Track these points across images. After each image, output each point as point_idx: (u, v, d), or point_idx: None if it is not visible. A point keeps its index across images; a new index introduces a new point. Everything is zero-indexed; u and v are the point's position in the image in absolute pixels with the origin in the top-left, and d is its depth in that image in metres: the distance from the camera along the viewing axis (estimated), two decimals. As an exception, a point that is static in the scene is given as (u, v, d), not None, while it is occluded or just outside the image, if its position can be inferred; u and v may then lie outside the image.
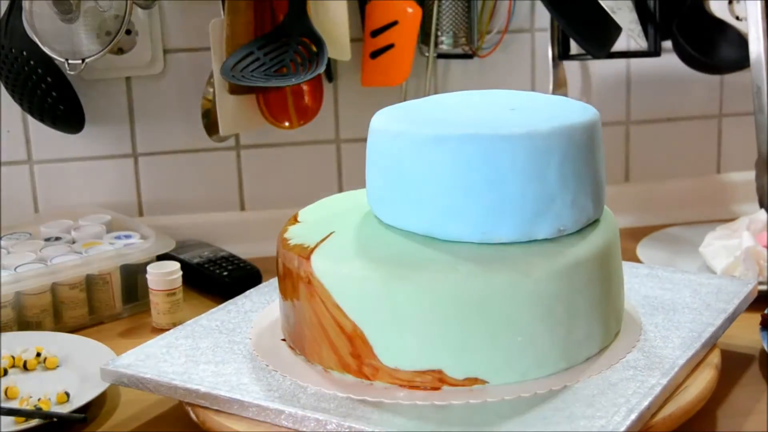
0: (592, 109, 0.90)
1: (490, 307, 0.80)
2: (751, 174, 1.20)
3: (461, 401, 0.79)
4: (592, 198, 0.86)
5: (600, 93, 1.42)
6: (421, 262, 0.82)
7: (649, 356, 0.85)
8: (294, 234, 0.90)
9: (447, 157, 0.82)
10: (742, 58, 1.29)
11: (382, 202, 0.89)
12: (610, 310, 0.87)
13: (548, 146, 0.82)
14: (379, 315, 0.81)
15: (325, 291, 0.82)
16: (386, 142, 0.87)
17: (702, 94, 1.45)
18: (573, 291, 0.82)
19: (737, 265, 1.14)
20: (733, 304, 0.96)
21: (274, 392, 0.81)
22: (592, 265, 0.84)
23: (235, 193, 1.38)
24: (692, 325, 0.91)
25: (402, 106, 0.93)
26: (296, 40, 1.21)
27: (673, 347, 0.87)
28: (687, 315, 0.94)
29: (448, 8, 1.30)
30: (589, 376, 0.82)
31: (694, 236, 1.27)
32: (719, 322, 0.92)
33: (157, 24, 1.30)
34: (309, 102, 1.28)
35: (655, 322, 0.92)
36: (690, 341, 0.88)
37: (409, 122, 0.87)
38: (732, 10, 1.36)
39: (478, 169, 0.81)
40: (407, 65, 1.27)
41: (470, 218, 0.83)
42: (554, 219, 0.84)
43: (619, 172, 1.46)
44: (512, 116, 0.86)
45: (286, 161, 1.38)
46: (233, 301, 1.01)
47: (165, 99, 1.33)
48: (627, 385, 0.80)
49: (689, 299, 0.97)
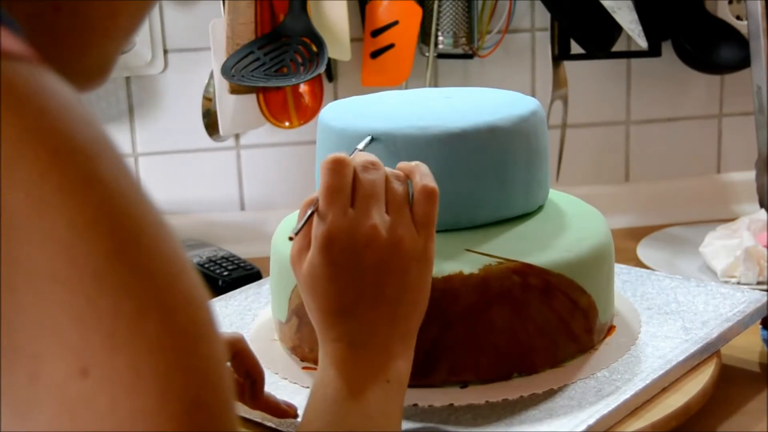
0: (529, 105, 0.90)
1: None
2: (751, 174, 1.20)
3: (444, 403, 0.79)
4: (525, 191, 0.88)
5: (600, 93, 1.42)
6: None
7: (626, 365, 0.84)
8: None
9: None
10: (742, 58, 1.29)
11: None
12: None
13: (461, 145, 0.84)
14: None
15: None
16: (321, 135, 0.91)
17: (702, 94, 1.45)
18: None
19: (737, 265, 1.14)
20: (739, 315, 0.92)
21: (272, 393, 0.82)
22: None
23: (235, 193, 1.38)
24: (691, 333, 0.89)
25: (351, 101, 0.96)
26: (296, 40, 1.21)
27: (659, 356, 0.85)
28: (688, 322, 0.92)
29: (448, 8, 1.30)
30: (573, 380, 0.81)
31: (694, 236, 1.27)
32: (717, 333, 0.89)
33: (157, 24, 1.30)
34: (309, 102, 1.28)
35: (653, 329, 0.90)
36: (681, 351, 0.85)
37: (339, 117, 0.89)
38: (732, 10, 1.36)
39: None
40: (407, 65, 1.27)
41: None
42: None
43: (619, 172, 1.46)
44: (441, 114, 0.88)
45: (286, 161, 1.38)
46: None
47: (165, 99, 1.33)
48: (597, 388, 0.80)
49: (702, 307, 0.94)
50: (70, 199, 0.35)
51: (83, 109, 0.38)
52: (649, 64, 1.40)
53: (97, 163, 0.37)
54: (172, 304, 0.37)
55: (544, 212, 0.92)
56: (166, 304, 0.36)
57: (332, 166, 0.68)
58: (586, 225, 0.89)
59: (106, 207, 0.36)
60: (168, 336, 0.36)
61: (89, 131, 0.37)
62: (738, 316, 0.92)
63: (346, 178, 0.68)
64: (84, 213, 0.35)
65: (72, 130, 0.36)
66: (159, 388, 0.35)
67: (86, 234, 0.35)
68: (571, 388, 0.80)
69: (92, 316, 0.35)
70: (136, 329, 0.35)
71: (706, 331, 0.89)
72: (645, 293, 0.98)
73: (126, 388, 0.35)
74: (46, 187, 0.35)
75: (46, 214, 0.35)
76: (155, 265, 0.37)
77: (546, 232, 0.87)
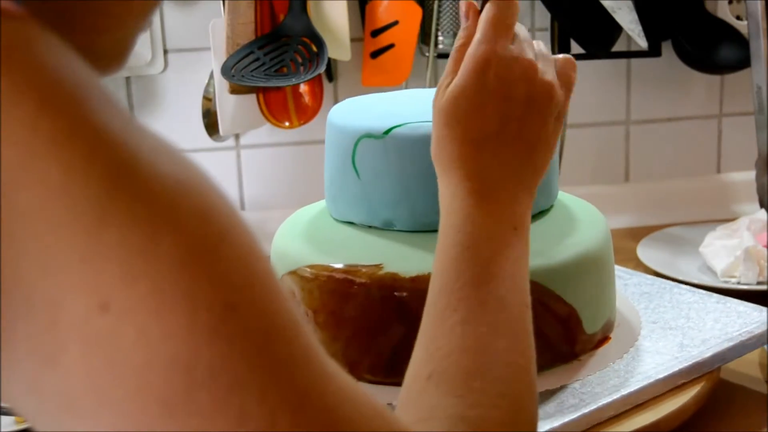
0: None
1: None
2: (751, 174, 1.20)
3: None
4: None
5: (600, 93, 1.42)
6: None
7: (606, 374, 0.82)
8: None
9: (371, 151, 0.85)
10: (742, 58, 1.29)
11: (333, 198, 0.92)
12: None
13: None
14: None
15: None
16: (330, 134, 0.91)
17: (702, 94, 1.45)
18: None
19: (737, 265, 1.14)
20: (745, 336, 0.88)
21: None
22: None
23: (235, 193, 1.38)
24: (685, 351, 0.86)
25: (358, 100, 0.96)
26: (296, 40, 1.21)
27: (640, 372, 0.82)
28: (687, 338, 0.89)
29: (448, 8, 1.30)
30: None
31: (694, 236, 1.26)
32: (713, 353, 0.85)
33: (157, 24, 1.30)
34: (309, 102, 1.28)
35: (648, 344, 0.87)
36: (664, 369, 0.82)
37: (346, 117, 0.89)
38: (732, 10, 1.36)
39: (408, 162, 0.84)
40: (407, 65, 1.27)
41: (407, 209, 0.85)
42: None
43: (619, 172, 1.46)
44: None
45: (286, 161, 1.38)
46: None
47: (165, 99, 1.33)
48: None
49: (710, 324, 0.90)
50: (60, 145, 0.35)
51: (69, 58, 0.39)
52: (649, 64, 1.40)
53: (85, 106, 0.37)
54: (182, 218, 0.36)
55: (550, 215, 0.90)
56: (174, 220, 0.36)
57: (502, 1, 0.70)
58: (583, 232, 0.87)
59: (97, 145, 0.36)
60: (182, 250, 0.36)
61: (74, 77, 0.38)
62: (744, 336, 0.87)
63: (513, 17, 0.70)
64: (75, 156, 0.35)
65: (56, 78, 0.37)
66: (185, 304, 0.35)
67: (80, 175, 0.35)
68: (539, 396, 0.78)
69: (101, 250, 0.35)
70: (149, 253, 0.35)
71: (701, 350, 0.85)
72: (659, 306, 0.95)
73: (151, 313, 0.34)
74: (36, 139, 0.35)
75: (39, 164, 0.35)
76: (156, 187, 0.36)
77: (535, 237, 0.83)
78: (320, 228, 0.91)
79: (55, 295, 0.34)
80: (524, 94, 0.67)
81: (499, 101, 0.66)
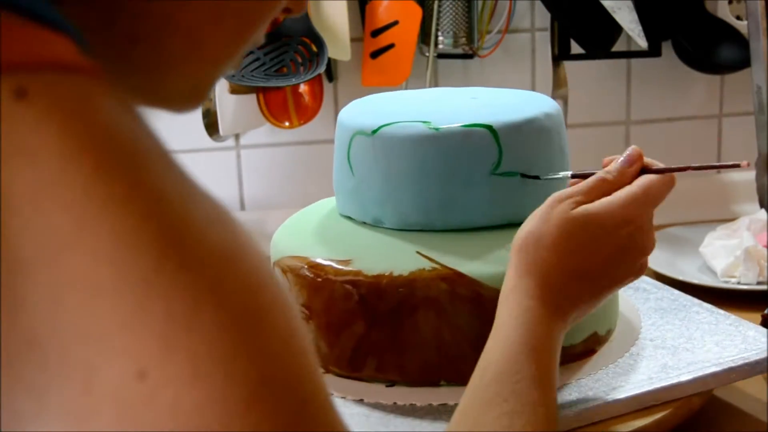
0: (544, 106, 0.90)
1: None
2: (751, 174, 1.20)
3: (370, 399, 0.79)
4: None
5: (600, 93, 1.42)
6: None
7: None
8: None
9: (382, 149, 0.85)
10: (742, 58, 1.29)
11: (336, 192, 0.93)
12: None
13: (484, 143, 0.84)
14: None
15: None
16: (338, 134, 0.91)
17: (702, 94, 1.45)
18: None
19: (737, 265, 1.14)
20: (739, 362, 0.83)
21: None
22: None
23: (235, 193, 1.38)
24: (661, 374, 0.82)
25: (368, 99, 0.96)
26: (296, 40, 1.21)
27: (603, 391, 0.79)
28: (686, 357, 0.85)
29: (448, 8, 1.30)
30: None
31: (694, 236, 1.27)
32: (687, 378, 0.81)
33: (157, 24, 1.30)
34: (309, 102, 1.28)
35: (631, 361, 0.84)
36: (624, 390, 0.79)
37: (349, 113, 0.90)
38: (732, 10, 1.36)
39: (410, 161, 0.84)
40: (407, 65, 1.27)
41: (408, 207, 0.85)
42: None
43: (619, 172, 1.45)
44: (462, 111, 0.87)
45: (286, 161, 1.38)
46: None
47: (165, 99, 1.33)
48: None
49: (708, 347, 0.86)
50: (112, 213, 0.35)
51: (131, 116, 0.38)
52: (649, 64, 1.40)
53: (141, 171, 0.37)
54: (226, 291, 0.36)
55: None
56: (218, 292, 0.36)
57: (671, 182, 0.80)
58: None
59: (149, 214, 0.36)
60: (222, 324, 0.36)
61: (134, 138, 0.38)
62: (738, 362, 0.83)
63: (667, 194, 0.80)
64: (126, 225, 0.36)
65: (115, 141, 0.37)
66: (220, 375, 0.35)
67: (130, 244, 0.35)
68: None
69: (144, 320, 0.35)
70: (191, 325, 0.35)
71: (675, 375, 0.81)
72: (667, 323, 0.91)
73: (187, 382, 0.34)
74: (90, 204, 0.35)
75: (90, 231, 0.35)
76: (204, 258, 0.36)
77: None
78: (320, 222, 0.92)
79: (93, 359, 0.34)
80: (632, 262, 0.74)
81: (614, 253, 0.72)
